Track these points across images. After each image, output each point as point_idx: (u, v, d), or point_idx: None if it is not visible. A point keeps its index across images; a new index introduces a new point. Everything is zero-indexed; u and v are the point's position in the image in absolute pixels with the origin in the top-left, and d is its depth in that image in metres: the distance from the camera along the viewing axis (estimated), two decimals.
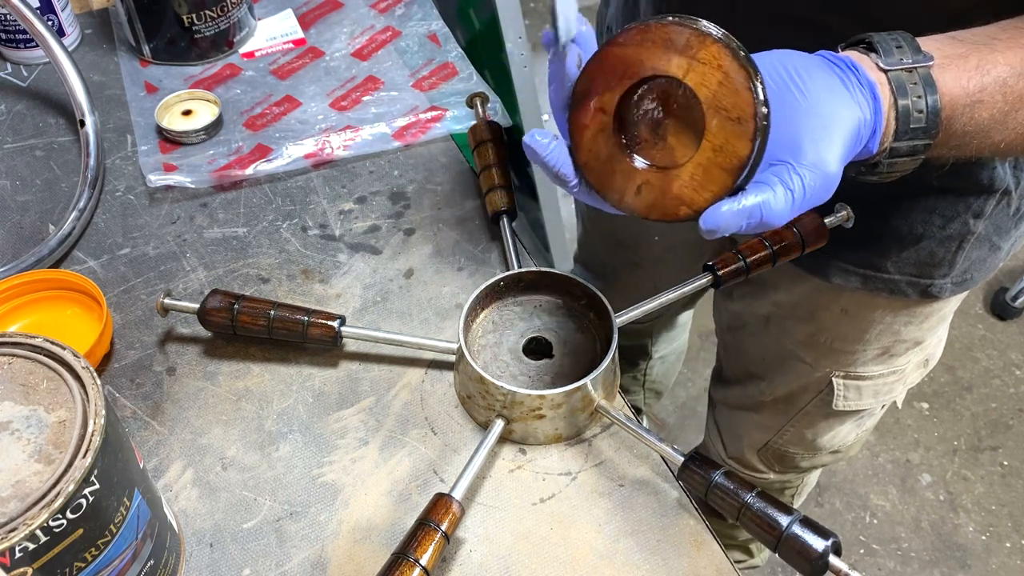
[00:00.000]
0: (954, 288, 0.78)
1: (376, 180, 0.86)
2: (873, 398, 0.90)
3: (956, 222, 0.72)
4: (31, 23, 0.87)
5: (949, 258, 0.75)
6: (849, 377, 0.87)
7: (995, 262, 0.78)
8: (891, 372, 0.88)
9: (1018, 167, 0.70)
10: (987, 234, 0.74)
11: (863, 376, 0.87)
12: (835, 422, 0.94)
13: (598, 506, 0.63)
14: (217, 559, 0.61)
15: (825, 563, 0.54)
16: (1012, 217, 0.74)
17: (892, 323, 0.82)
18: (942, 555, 1.60)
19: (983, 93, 0.51)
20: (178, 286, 0.77)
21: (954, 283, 0.77)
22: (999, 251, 0.77)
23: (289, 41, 1.00)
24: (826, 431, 0.95)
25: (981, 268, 0.78)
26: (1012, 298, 1.91)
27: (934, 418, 1.79)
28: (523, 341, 0.69)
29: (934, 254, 0.75)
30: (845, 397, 0.89)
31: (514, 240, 0.76)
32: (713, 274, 0.70)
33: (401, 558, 0.54)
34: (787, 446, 1.00)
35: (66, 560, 0.46)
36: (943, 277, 0.77)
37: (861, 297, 0.79)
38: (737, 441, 1.06)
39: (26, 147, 0.89)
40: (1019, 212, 0.74)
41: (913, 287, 0.77)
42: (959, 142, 0.53)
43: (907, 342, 0.84)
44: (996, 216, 0.73)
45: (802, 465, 1.03)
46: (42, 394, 0.48)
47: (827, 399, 0.90)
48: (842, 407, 0.90)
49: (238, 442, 0.67)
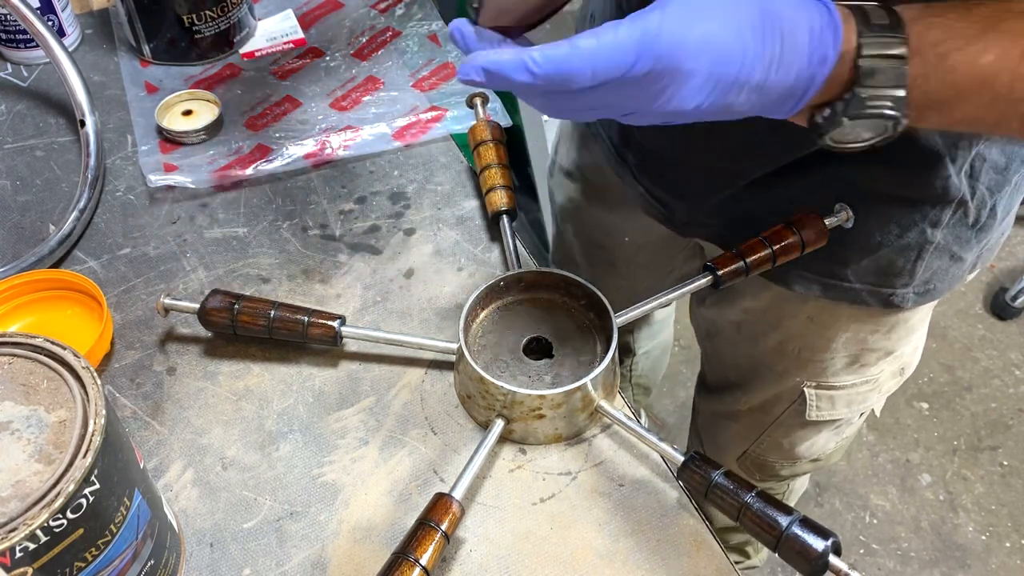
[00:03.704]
0: (916, 298, 0.77)
1: (376, 180, 0.86)
2: (847, 408, 0.89)
3: (913, 231, 0.72)
4: (31, 23, 0.87)
5: (909, 267, 0.74)
6: (821, 387, 0.87)
7: (959, 273, 0.77)
8: (864, 382, 0.87)
9: (972, 176, 0.69)
10: (946, 244, 0.73)
11: (835, 386, 0.87)
12: (811, 432, 0.93)
13: (598, 506, 0.63)
14: (217, 559, 0.61)
15: (825, 563, 0.54)
16: (971, 228, 0.73)
17: (858, 332, 0.81)
18: (942, 555, 1.60)
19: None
20: (178, 286, 0.77)
21: (916, 293, 0.77)
22: (962, 262, 0.76)
23: (289, 41, 1.00)
24: (803, 440, 0.95)
25: (944, 279, 0.77)
26: (1012, 298, 1.91)
27: (934, 418, 1.79)
28: (523, 341, 0.69)
29: (893, 263, 0.74)
30: (818, 407, 0.89)
31: (514, 240, 0.76)
32: (713, 274, 0.70)
33: (401, 558, 0.54)
34: (765, 454, 0.99)
35: (66, 560, 0.46)
36: (904, 287, 0.76)
37: (825, 305, 0.79)
38: (717, 449, 1.06)
39: (26, 147, 0.89)
40: (979, 223, 0.73)
41: (874, 296, 0.77)
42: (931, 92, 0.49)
43: (877, 352, 0.84)
44: (954, 226, 0.72)
45: (782, 473, 1.02)
46: (42, 394, 0.48)
47: (800, 409, 0.89)
48: (816, 417, 0.89)
49: (238, 442, 0.67)
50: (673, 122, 0.50)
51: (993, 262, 2.04)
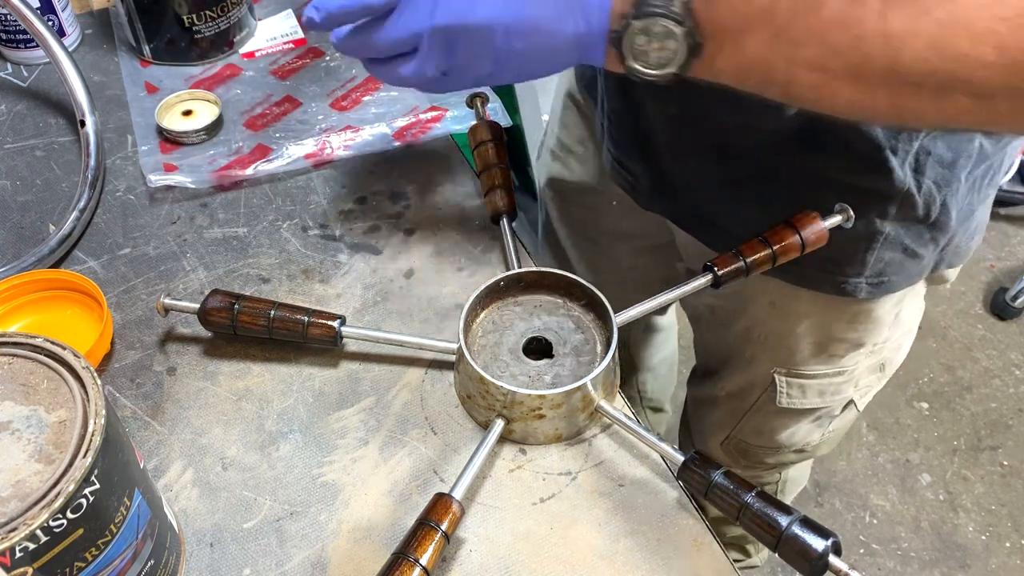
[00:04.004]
0: (870, 289, 0.78)
1: (376, 180, 0.86)
2: (819, 397, 0.90)
3: (861, 220, 0.73)
4: (31, 23, 0.87)
5: (860, 256, 0.75)
6: (791, 375, 0.88)
7: (916, 270, 0.78)
8: (836, 372, 0.88)
9: (918, 170, 0.70)
10: (898, 237, 0.74)
11: (804, 374, 0.88)
12: (788, 420, 0.94)
13: (598, 506, 0.63)
14: (217, 559, 0.61)
15: (825, 563, 0.54)
16: (925, 224, 0.74)
17: (820, 320, 0.83)
18: (942, 555, 1.60)
19: None
20: (178, 286, 0.77)
21: (869, 284, 0.77)
22: (919, 259, 0.77)
23: (289, 41, 1.00)
24: (781, 428, 0.96)
25: (899, 272, 0.77)
26: (1012, 298, 1.91)
27: (934, 418, 1.79)
28: (523, 341, 0.69)
29: (843, 250, 0.75)
30: (788, 395, 0.90)
31: (514, 240, 0.76)
32: (713, 274, 0.70)
33: (401, 558, 0.54)
34: (746, 438, 1.00)
35: (66, 560, 0.46)
36: (856, 276, 0.77)
37: (785, 291, 0.80)
38: (700, 435, 1.08)
39: (26, 147, 0.89)
40: (930, 218, 0.73)
41: (827, 283, 0.78)
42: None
43: (845, 342, 0.84)
44: (904, 220, 0.73)
45: (768, 461, 1.03)
46: (42, 394, 0.48)
47: (772, 396, 0.91)
48: (787, 404, 0.90)
49: (238, 442, 0.67)
50: (506, 66, 0.57)
51: (993, 262, 2.04)
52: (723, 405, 0.99)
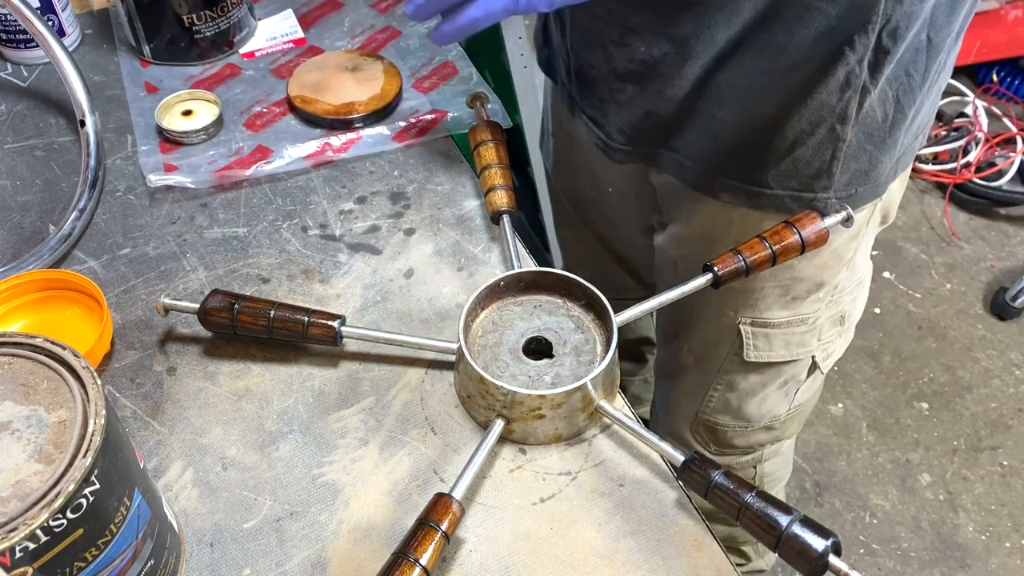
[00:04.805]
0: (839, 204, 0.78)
1: (376, 180, 0.86)
2: (784, 349, 0.91)
3: (823, 127, 0.73)
4: (31, 23, 0.87)
5: (826, 168, 0.76)
6: (756, 324, 0.89)
7: (880, 178, 0.79)
8: (799, 320, 0.89)
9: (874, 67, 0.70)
10: (860, 143, 0.75)
11: (769, 322, 0.89)
12: (756, 383, 0.95)
13: (598, 506, 0.63)
14: (217, 559, 0.61)
15: (825, 563, 0.54)
16: (884, 126, 0.75)
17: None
18: (942, 555, 1.60)
19: None
20: (178, 286, 0.77)
21: (838, 198, 0.78)
22: (880, 165, 0.78)
23: (289, 41, 1.00)
24: (749, 395, 0.96)
25: (865, 183, 0.78)
26: (1012, 298, 1.91)
27: (934, 418, 1.79)
28: (523, 341, 0.69)
29: (810, 164, 0.76)
30: (755, 347, 0.91)
31: (514, 240, 0.76)
32: (713, 274, 0.70)
33: (401, 558, 0.54)
34: (715, 415, 1.01)
35: (66, 560, 0.46)
36: (824, 190, 0.78)
37: (750, 224, 0.80)
38: (671, 415, 1.08)
39: (26, 147, 0.89)
40: (888, 119, 0.75)
41: (796, 202, 0.78)
42: None
43: (805, 281, 0.85)
44: (864, 123, 0.74)
45: (737, 443, 1.03)
46: (42, 394, 0.48)
47: (739, 352, 0.91)
48: (754, 357, 0.91)
49: (238, 442, 0.67)
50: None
51: (993, 262, 2.04)
52: (690, 373, 0.99)
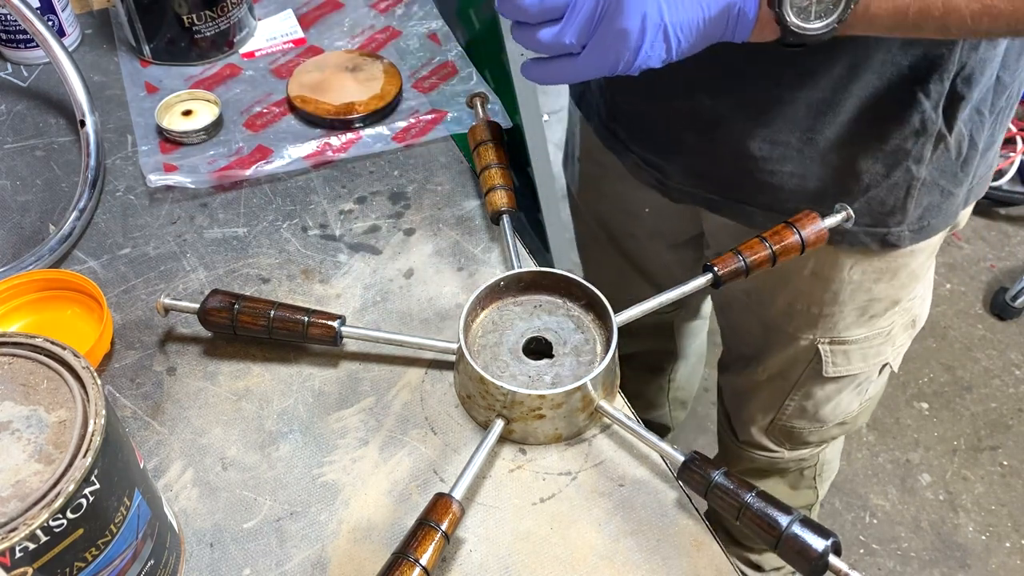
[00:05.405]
0: (913, 236, 0.80)
1: (376, 180, 0.86)
2: (863, 362, 0.92)
3: (898, 169, 0.75)
4: (31, 23, 0.87)
5: (900, 205, 0.77)
6: (834, 343, 0.89)
7: (952, 209, 0.80)
8: (875, 334, 0.90)
9: (948, 112, 0.72)
10: (933, 179, 0.76)
11: (847, 340, 0.89)
12: (832, 391, 0.95)
13: (598, 506, 0.63)
14: (217, 559, 0.61)
15: (825, 563, 0.54)
16: (956, 162, 0.76)
17: (862, 282, 0.84)
18: (942, 555, 1.60)
19: None
20: (178, 286, 0.77)
21: (911, 231, 0.79)
22: (953, 197, 0.79)
23: (289, 41, 1.00)
24: (825, 402, 0.97)
25: (938, 215, 0.80)
26: (1012, 298, 1.91)
27: (934, 418, 1.79)
28: (523, 341, 0.69)
29: (884, 202, 0.77)
30: (834, 363, 0.91)
31: (514, 240, 0.76)
32: (713, 274, 0.70)
33: (401, 558, 0.54)
34: (791, 421, 1.01)
35: (66, 560, 0.46)
36: (898, 224, 0.79)
37: (826, 257, 0.81)
38: (745, 426, 1.08)
39: (26, 147, 0.89)
40: (962, 156, 0.76)
41: (871, 237, 0.79)
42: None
43: (883, 301, 0.86)
44: (938, 161, 0.75)
45: (811, 440, 1.04)
46: (42, 394, 0.48)
47: (817, 368, 0.91)
48: (833, 373, 0.92)
49: (238, 442, 0.67)
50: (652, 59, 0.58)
51: (993, 262, 2.04)
52: (765, 389, 1.00)
